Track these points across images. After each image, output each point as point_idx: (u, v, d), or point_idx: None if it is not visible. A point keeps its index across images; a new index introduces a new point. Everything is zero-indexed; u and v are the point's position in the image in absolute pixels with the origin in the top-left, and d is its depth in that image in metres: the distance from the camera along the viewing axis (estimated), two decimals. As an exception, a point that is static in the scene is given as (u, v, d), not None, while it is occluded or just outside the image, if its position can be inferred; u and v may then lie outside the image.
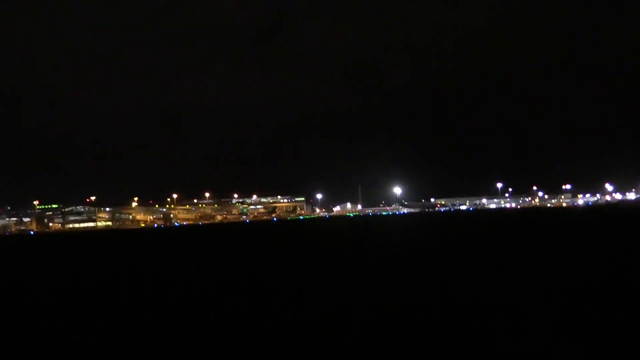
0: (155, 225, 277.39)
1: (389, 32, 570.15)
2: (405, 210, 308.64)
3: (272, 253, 45.02)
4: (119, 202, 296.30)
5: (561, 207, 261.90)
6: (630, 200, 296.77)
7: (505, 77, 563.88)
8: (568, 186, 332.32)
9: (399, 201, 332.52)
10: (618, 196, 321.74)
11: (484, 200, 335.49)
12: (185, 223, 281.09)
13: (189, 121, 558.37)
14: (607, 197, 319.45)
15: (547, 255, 29.85)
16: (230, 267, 33.45)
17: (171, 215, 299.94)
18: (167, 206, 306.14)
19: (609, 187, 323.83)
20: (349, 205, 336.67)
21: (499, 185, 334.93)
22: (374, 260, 33.23)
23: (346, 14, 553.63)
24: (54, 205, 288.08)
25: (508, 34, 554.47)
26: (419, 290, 20.14)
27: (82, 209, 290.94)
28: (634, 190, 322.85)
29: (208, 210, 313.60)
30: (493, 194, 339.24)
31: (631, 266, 23.50)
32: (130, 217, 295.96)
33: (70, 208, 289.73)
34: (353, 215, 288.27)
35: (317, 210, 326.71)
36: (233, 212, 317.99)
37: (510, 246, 39.37)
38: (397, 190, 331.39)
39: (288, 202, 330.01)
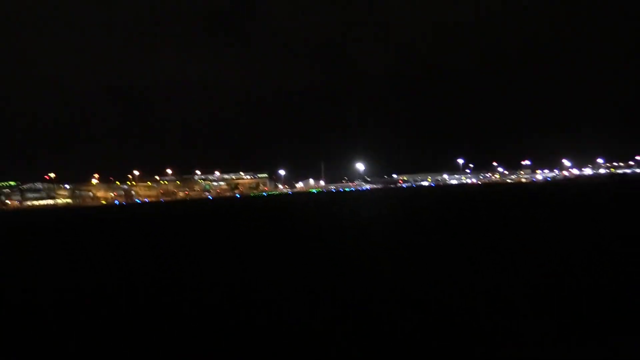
0: (117, 202, 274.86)
1: (352, 10, 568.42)
2: (368, 186, 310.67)
3: (231, 229, 45.18)
4: (79, 179, 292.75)
5: (520, 182, 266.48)
6: (587, 176, 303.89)
7: (466, 55, 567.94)
8: (527, 162, 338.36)
9: (362, 177, 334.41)
10: (575, 172, 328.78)
11: (446, 176, 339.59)
12: (147, 200, 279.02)
13: (152, 99, 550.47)
14: (565, 173, 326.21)
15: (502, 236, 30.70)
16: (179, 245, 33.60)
17: (132, 193, 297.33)
18: (129, 183, 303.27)
19: (566, 162, 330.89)
20: (311, 181, 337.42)
21: (460, 161, 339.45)
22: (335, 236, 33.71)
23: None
24: (12, 183, 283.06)
25: (471, 16, 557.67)
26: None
27: (41, 186, 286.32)
28: (590, 166, 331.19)
29: (170, 187, 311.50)
30: (454, 169, 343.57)
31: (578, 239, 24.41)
32: (91, 194, 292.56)
33: (29, 185, 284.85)
34: (316, 191, 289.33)
35: (280, 186, 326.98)
36: (195, 189, 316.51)
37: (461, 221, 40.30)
38: (360, 167, 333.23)
39: (251, 178, 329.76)
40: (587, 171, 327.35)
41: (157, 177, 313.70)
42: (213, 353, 11.19)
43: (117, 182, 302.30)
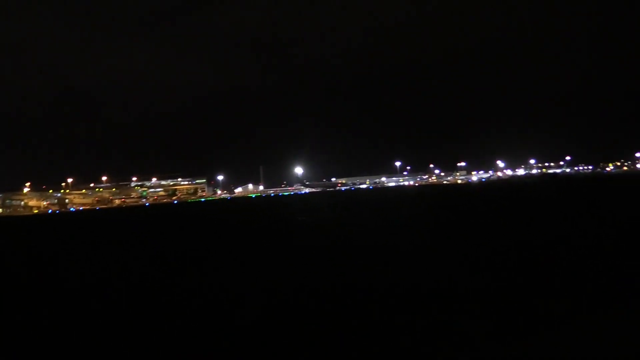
0: (50, 211, 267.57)
1: (293, 10, 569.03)
2: (307, 190, 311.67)
3: (168, 235, 45.12)
4: (10, 187, 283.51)
5: (456, 184, 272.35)
6: (520, 176, 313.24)
7: (403, 59, 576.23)
8: (463, 163, 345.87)
9: (301, 181, 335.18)
10: (509, 172, 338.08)
11: (384, 179, 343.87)
12: (81, 208, 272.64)
13: (86, 102, 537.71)
14: (499, 174, 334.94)
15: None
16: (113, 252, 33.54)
17: (66, 201, 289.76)
18: (62, 191, 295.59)
19: (500, 164, 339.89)
20: (250, 186, 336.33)
21: (398, 163, 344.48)
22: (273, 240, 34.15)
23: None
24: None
25: (411, 21, 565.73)
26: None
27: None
28: (522, 166, 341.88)
29: (106, 195, 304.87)
30: (392, 172, 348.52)
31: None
32: (23, 203, 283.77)
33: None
34: (255, 196, 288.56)
35: (219, 191, 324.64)
36: (132, 196, 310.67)
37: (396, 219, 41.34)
38: (299, 170, 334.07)
39: (189, 184, 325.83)
40: (520, 172, 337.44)
41: (92, 185, 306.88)
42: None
43: (50, 191, 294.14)
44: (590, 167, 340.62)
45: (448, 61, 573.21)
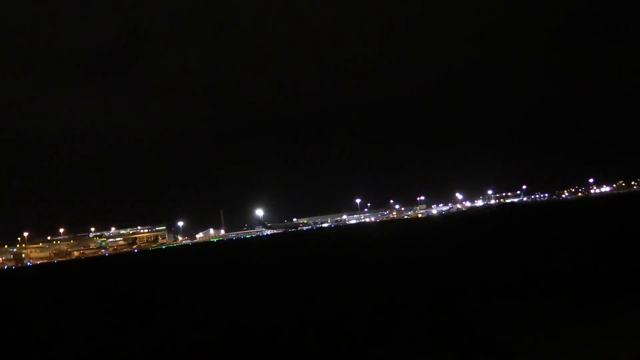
0: (6, 267, 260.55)
1: (250, 51, 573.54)
2: (269, 232, 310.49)
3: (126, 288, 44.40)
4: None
5: (417, 218, 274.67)
6: (478, 207, 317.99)
7: (357, 97, 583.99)
8: (422, 197, 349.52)
9: (262, 223, 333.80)
10: (468, 204, 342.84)
11: (345, 216, 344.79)
12: (39, 262, 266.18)
13: (37, 151, 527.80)
14: (458, 205, 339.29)
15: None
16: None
17: (23, 255, 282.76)
18: (18, 245, 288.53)
19: (459, 196, 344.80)
20: (211, 231, 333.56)
21: (358, 200, 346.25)
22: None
23: (198, 37, 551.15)
24: None
25: (359, 57, 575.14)
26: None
27: None
28: (481, 197, 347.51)
29: (63, 247, 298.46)
30: (353, 209, 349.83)
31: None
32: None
33: None
34: (217, 240, 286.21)
35: (180, 238, 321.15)
36: (91, 247, 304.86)
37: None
38: (260, 212, 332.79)
39: (149, 232, 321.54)
40: (479, 202, 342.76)
41: (49, 237, 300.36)
42: None
43: (6, 246, 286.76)
44: (546, 195, 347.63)
45: (404, 98, 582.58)
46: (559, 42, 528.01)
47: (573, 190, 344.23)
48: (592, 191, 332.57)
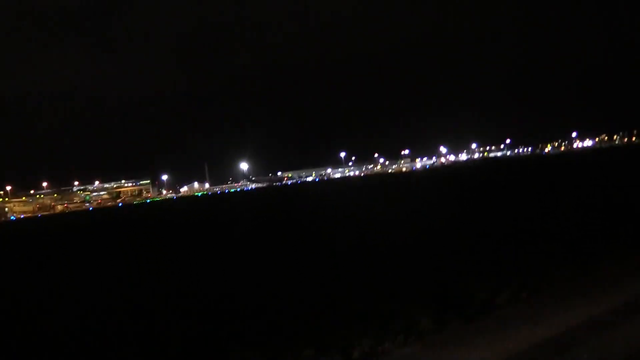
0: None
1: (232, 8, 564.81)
2: (253, 186, 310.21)
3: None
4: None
5: (401, 172, 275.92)
6: (462, 161, 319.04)
7: (345, 52, 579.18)
8: (407, 151, 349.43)
9: (247, 177, 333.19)
10: (452, 158, 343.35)
11: (329, 170, 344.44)
12: (22, 216, 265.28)
13: (20, 108, 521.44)
14: (442, 160, 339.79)
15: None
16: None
17: (6, 209, 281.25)
18: (1, 199, 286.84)
19: (443, 149, 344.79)
20: (196, 184, 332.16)
21: (342, 154, 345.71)
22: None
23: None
24: None
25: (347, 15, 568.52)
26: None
27: None
28: (465, 151, 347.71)
29: (47, 201, 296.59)
30: (337, 163, 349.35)
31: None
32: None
33: None
34: (201, 194, 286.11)
35: (164, 192, 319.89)
36: (75, 201, 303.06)
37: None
38: (244, 166, 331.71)
39: (133, 185, 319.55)
40: (463, 156, 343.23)
41: (32, 192, 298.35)
42: None
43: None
44: (529, 149, 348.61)
45: (388, 51, 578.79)
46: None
47: (556, 144, 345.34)
48: (575, 145, 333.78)
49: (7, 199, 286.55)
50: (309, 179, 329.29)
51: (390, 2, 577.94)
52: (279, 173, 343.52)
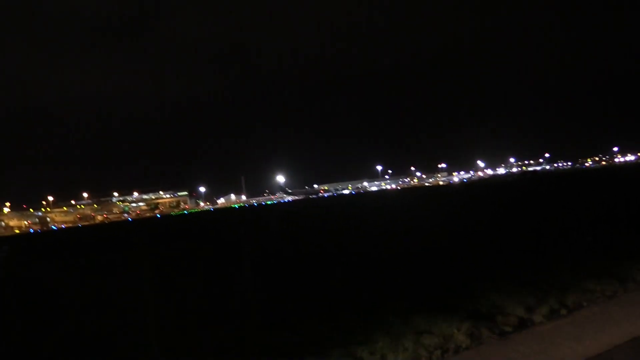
0: (32, 230, 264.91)
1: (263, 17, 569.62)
2: (290, 198, 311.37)
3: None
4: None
5: (438, 185, 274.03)
6: (500, 175, 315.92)
7: (381, 63, 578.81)
8: (443, 165, 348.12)
9: (283, 189, 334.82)
10: (489, 172, 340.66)
11: (365, 183, 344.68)
12: (63, 226, 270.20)
13: (59, 118, 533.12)
14: (480, 173, 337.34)
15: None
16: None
17: (48, 219, 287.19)
18: (43, 210, 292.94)
19: (480, 163, 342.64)
20: (232, 196, 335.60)
21: (379, 167, 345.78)
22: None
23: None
24: None
25: (383, 24, 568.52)
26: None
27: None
28: (502, 165, 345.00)
29: (87, 211, 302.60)
30: (373, 176, 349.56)
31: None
32: (3, 224, 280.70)
33: None
34: (238, 206, 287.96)
35: (202, 203, 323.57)
36: (114, 211, 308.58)
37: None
38: (280, 179, 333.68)
39: (171, 197, 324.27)
40: (501, 170, 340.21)
41: (73, 202, 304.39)
42: None
43: (31, 210, 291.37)
44: (569, 163, 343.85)
45: (426, 63, 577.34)
46: (586, 6, 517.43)
47: (597, 158, 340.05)
48: (617, 160, 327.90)
49: (48, 210, 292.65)
50: (345, 191, 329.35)
51: (431, 10, 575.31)
52: (315, 185, 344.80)
